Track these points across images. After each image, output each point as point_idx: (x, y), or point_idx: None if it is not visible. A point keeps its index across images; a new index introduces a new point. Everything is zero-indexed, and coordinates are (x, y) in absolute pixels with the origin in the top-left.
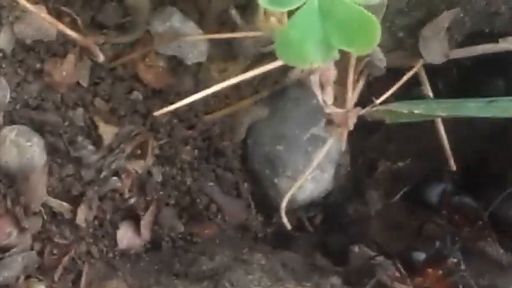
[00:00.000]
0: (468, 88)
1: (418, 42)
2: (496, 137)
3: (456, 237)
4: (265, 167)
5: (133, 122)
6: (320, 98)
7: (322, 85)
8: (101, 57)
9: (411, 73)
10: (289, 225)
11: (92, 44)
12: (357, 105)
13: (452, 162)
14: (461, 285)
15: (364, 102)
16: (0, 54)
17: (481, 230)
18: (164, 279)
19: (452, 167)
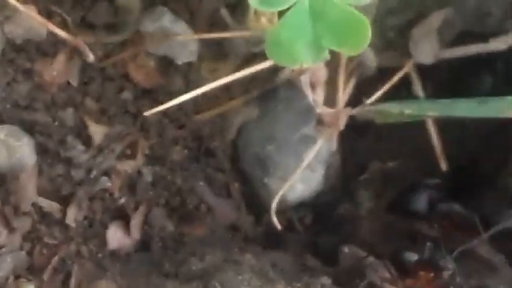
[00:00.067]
0: (459, 88)
1: (408, 43)
2: (487, 137)
3: (447, 240)
4: (256, 167)
5: (124, 121)
6: (311, 98)
7: (312, 85)
8: (91, 57)
9: (402, 73)
10: (279, 226)
11: (82, 44)
12: (347, 105)
13: (443, 163)
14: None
15: (354, 102)
16: None
17: (471, 233)
18: (154, 280)
19: (443, 167)
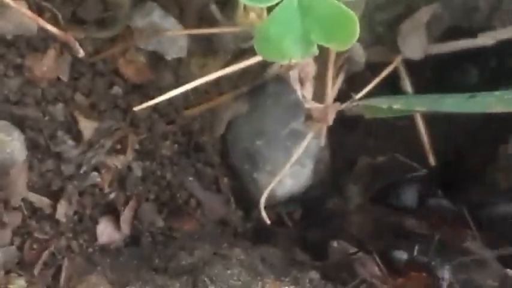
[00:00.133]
0: (447, 83)
1: (397, 38)
2: (475, 132)
3: (437, 237)
4: (245, 162)
5: (114, 117)
6: (299, 93)
7: (301, 80)
8: (81, 52)
9: (390, 68)
10: (268, 220)
11: (72, 39)
12: (336, 100)
13: (431, 157)
14: None
15: (343, 97)
16: None
17: (460, 228)
18: (144, 274)
19: (432, 162)
